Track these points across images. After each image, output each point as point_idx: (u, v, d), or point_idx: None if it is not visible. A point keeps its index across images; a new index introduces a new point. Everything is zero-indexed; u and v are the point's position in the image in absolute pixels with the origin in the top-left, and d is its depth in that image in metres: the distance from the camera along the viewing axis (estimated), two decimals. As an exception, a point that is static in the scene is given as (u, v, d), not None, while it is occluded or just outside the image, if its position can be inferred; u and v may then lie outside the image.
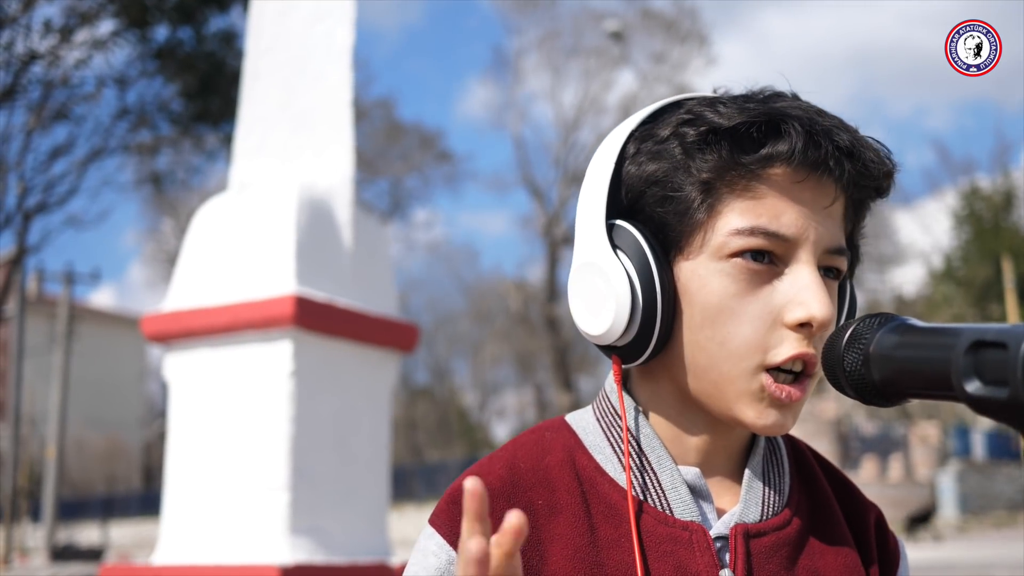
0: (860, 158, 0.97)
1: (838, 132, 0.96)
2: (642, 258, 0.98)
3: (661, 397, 1.04)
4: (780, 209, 0.96)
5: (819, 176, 0.96)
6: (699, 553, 0.98)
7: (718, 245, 0.96)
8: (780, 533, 1.01)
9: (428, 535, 1.00)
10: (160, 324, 5.37)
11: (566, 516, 1.00)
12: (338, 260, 5.42)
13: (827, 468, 1.13)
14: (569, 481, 1.02)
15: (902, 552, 1.12)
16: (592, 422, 1.07)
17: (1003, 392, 0.73)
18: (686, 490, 1.01)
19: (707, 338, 0.97)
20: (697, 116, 0.98)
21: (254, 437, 5.04)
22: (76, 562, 22.66)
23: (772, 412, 0.97)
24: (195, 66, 15.39)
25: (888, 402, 0.90)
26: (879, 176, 0.99)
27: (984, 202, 31.75)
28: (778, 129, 0.95)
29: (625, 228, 1.00)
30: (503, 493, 1.00)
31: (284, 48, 5.81)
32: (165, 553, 5.17)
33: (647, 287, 0.98)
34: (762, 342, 0.96)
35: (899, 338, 0.87)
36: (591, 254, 1.01)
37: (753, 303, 0.96)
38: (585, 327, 1.01)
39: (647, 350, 0.99)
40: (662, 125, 1.01)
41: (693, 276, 0.98)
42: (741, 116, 0.96)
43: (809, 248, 0.97)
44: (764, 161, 0.96)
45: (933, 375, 0.81)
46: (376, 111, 32.24)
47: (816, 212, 0.97)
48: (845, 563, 1.03)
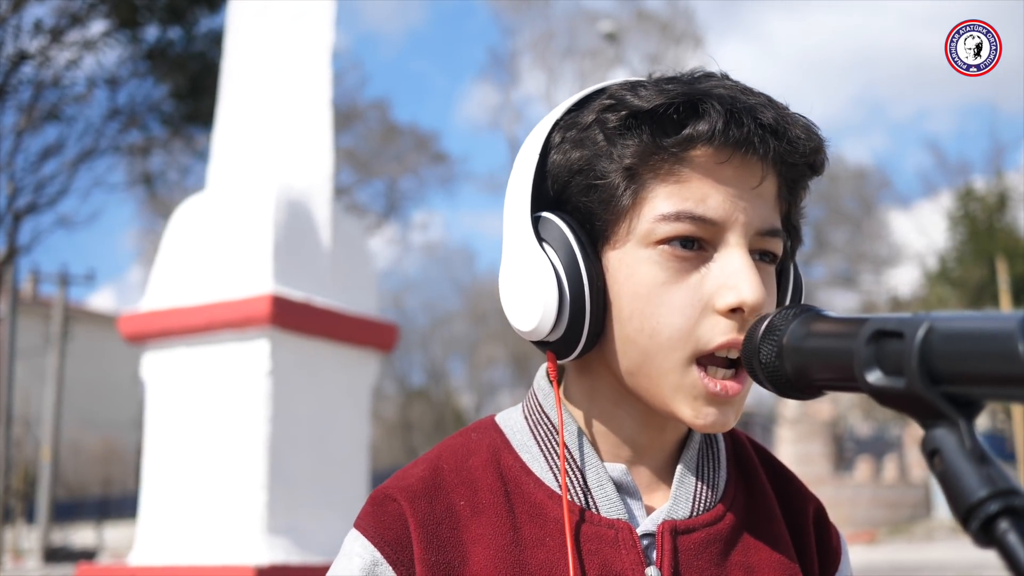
0: (785, 135, 0.94)
1: (762, 109, 0.94)
2: (568, 250, 0.96)
3: (598, 391, 1.02)
4: (705, 192, 0.93)
5: (744, 155, 0.94)
6: (624, 551, 0.96)
7: (644, 232, 0.94)
8: (711, 529, 0.99)
9: (352, 538, 0.99)
10: (137, 324, 5.36)
11: (488, 516, 0.98)
12: (316, 259, 5.41)
13: (767, 460, 1.11)
14: (492, 481, 1.00)
15: (843, 547, 1.10)
16: (520, 421, 1.06)
17: (900, 382, 0.72)
18: (612, 487, 0.99)
19: (636, 330, 0.95)
20: (618, 101, 0.96)
21: (231, 437, 5.03)
22: (70, 564, 22.64)
23: (710, 410, 0.94)
24: (186, 66, 15.40)
25: (802, 394, 0.89)
26: (807, 152, 0.96)
27: (979, 203, 31.79)
28: (698, 109, 0.93)
29: (550, 220, 0.98)
30: (424, 494, 0.99)
31: (263, 47, 5.79)
32: (142, 553, 5.16)
33: (574, 280, 0.95)
34: (693, 331, 0.93)
35: (810, 329, 0.86)
36: (518, 248, 0.99)
37: (683, 291, 0.93)
38: (516, 323, 0.99)
39: (579, 345, 0.97)
40: (585, 112, 0.99)
41: (621, 265, 0.96)
42: (661, 98, 0.93)
43: (739, 231, 0.94)
44: (685, 143, 0.93)
45: (839, 366, 0.80)
46: (371, 112, 32.22)
47: (744, 193, 0.94)
48: (779, 559, 1.01)
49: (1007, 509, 0.64)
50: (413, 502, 0.97)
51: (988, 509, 0.65)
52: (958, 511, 0.66)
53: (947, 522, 24.59)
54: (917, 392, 0.70)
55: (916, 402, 0.71)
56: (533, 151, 1.00)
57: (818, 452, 25.77)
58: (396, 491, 0.99)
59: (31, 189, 16.21)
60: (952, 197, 32.73)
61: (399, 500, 0.98)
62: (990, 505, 0.65)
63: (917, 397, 0.70)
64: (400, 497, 0.98)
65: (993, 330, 0.66)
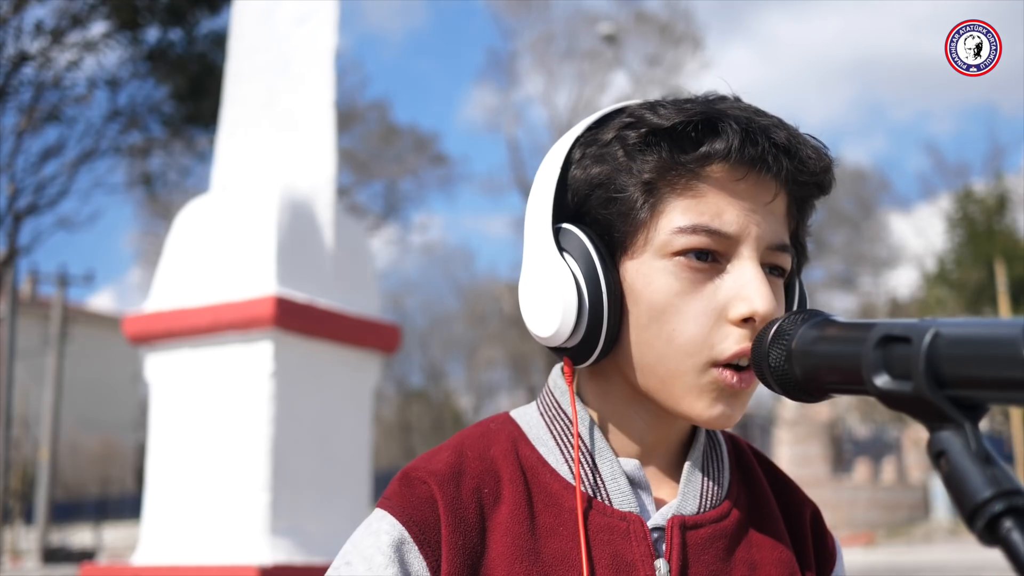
0: (797, 155, 0.99)
1: (775, 130, 0.99)
2: (588, 260, 1.00)
3: (610, 393, 1.06)
4: (721, 207, 0.98)
5: (758, 173, 0.99)
6: (635, 543, 1.00)
7: (661, 244, 0.99)
8: (718, 525, 1.03)
9: (379, 516, 1.02)
10: (141, 325, 5.37)
11: (508, 505, 1.02)
12: (319, 261, 5.42)
13: (765, 464, 1.15)
14: (512, 471, 1.04)
15: (838, 550, 1.15)
16: (536, 416, 1.10)
17: (908, 386, 0.74)
18: (625, 481, 1.03)
19: (654, 335, 0.99)
20: (638, 119, 1.01)
21: (234, 438, 5.03)
22: (68, 564, 22.62)
23: (720, 405, 0.99)
24: (186, 68, 15.41)
25: (811, 397, 0.92)
26: (817, 171, 1.01)
27: (978, 205, 31.80)
28: (716, 128, 0.98)
29: (571, 231, 1.02)
30: (452, 479, 1.02)
31: (267, 49, 5.80)
32: (145, 553, 5.16)
33: (593, 288, 1.00)
34: (708, 338, 0.98)
35: (819, 333, 0.89)
36: (538, 257, 1.03)
37: (698, 300, 0.98)
38: (535, 330, 1.04)
39: (596, 350, 1.01)
40: (606, 129, 1.04)
41: (638, 275, 1.00)
42: (679, 116, 0.98)
43: (751, 244, 0.99)
44: (703, 159, 0.98)
45: (847, 370, 0.82)
46: (371, 113, 32.20)
47: (757, 209, 0.99)
48: (780, 558, 1.05)
49: (1011, 509, 0.66)
50: (442, 486, 1.00)
51: (993, 509, 0.66)
52: (964, 511, 0.68)
53: (945, 524, 24.57)
54: (924, 396, 0.72)
55: (922, 405, 0.73)
56: (555, 165, 1.04)
57: (816, 454, 25.76)
58: (425, 474, 1.02)
59: (31, 190, 16.22)
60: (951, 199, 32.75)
61: (429, 483, 1.01)
62: (995, 505, 0.66)
63: (923, 400, 0.72)
64: (430, 480, 1.01)
65: (998, 336, 0.68)
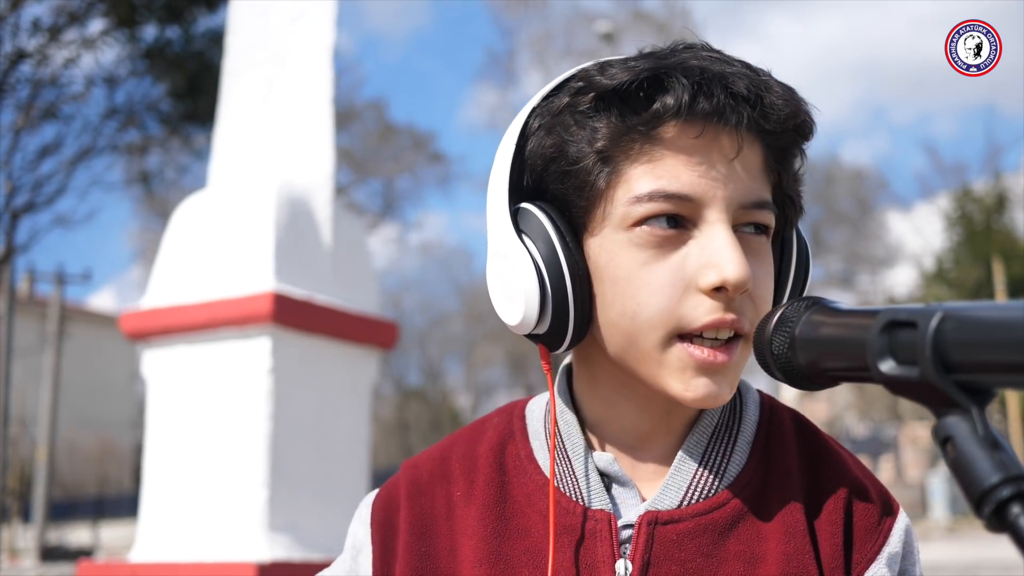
0: (759, 102, 0.90)
1: (734, 78, 0.89)
2: (547, 241, 0.93)
3: (598, 379, 1.00)
4: (679, 169, 0.89)
5: (716, 127, 0.90)
6: (600, 543, 0.95)
7: (621, 216, 0.91)
8: (703, 518, 0.95)
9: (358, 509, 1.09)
10: (139, 321, 5.36)
11: (476, 507, 1.00)
12: (317, 257, 5.41)
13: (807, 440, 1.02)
14: (490, 472, 1.02)
15: (895, 534, 0.97)
16: (541, 408, 1.06)
17: (914, 371, 0.73)
18: (596, 478, 0.98)
19: (619, 314, 0.92)
20: (587, 82, 0.93)
21: (232, 434, 5.02)
22: (66, 563, 22.60)
23: (701, 380, 0.91)
24: (184, 66, 15.39)
25: (815, 385, 0.90)
26: (783, 118, 0.91)
27: (976, 204, 31.83)
28: (664, 84, 0.89)
29: (529, 210, 0.96)
30: (427, 486, 1.04)
31: (264, 46, 5.79)
32: (143, 550, 5.15)
33: (554, 271, 0.93)
34: (675, 310, 0.90)
35: (822, 320, 0.87)
36: (498, 242, 0.96)
37: (664, 270, 0.90)
38: (504, 318, 0.97)
39: (567, 336, 0.95)
40: (559, 96, 0.96)
41: (601, 251, 0.93)
42: (626, 75, 0.90)
43: (719, 206, 0.90)
44: (653, 120, 0.89)
45: (852, 356, 0.81)
46: (368, 112, 32.19)
47: (722, 166, 0.90)
48: (787, 550, 0.94)
49: (1020, 494, 0.65)
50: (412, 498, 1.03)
51: (1001, 494, 0.65)
52: (971, 497, 0.66)
53: (943, 522, 24.60)
54: (930, 381, 0.70)
55: (929, 391, 0.71)
56: (510, 141, 0.98)
57: (814, 452, 25.77)
58: (403, 481, 1.06)
59: (29, 188, 16.20)
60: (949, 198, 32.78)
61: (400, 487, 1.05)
62: (1003, 490, 0.65)
63: (930, 386, 0.71)
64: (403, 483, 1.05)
65: (1005, 319, 0.67)
